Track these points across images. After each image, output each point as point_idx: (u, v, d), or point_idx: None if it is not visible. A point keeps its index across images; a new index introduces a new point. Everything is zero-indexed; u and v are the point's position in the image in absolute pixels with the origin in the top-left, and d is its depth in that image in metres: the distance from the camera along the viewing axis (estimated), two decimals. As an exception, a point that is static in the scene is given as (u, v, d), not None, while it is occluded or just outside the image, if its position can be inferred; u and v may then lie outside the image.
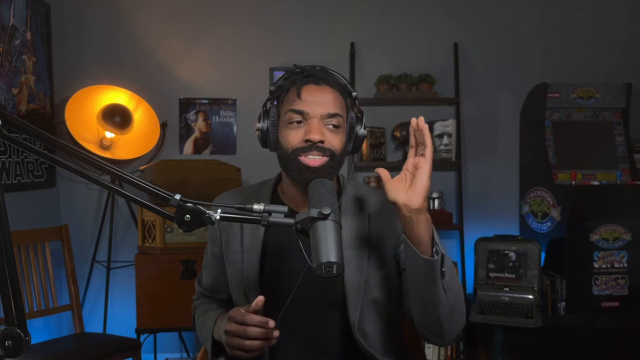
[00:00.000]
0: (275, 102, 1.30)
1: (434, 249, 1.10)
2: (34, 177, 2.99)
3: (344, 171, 1.37)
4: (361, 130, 1.29)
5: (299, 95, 1.24)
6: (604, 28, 3.56)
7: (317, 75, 1.27)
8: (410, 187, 1.08)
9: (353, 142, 1.29)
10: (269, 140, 1.28)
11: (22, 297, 0.87)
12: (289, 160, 1.24)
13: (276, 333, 1.13)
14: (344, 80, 1.30)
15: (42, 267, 2.67)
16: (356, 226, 1.29)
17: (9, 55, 2.77)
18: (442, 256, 1.11)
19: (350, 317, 1.24)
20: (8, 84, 2.75)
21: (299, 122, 1.24)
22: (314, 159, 1.22)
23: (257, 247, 1.29)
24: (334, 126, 1.24)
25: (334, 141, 1.24)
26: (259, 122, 1.28)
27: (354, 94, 1.31)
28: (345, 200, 1.32)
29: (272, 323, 1.12)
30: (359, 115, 1.31)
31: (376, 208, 1.32)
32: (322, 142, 1.22)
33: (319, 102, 1.23)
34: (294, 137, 1.23)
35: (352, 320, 1.24)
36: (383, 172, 1.13)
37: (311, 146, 1.21)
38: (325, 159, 1.22)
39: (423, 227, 1.09)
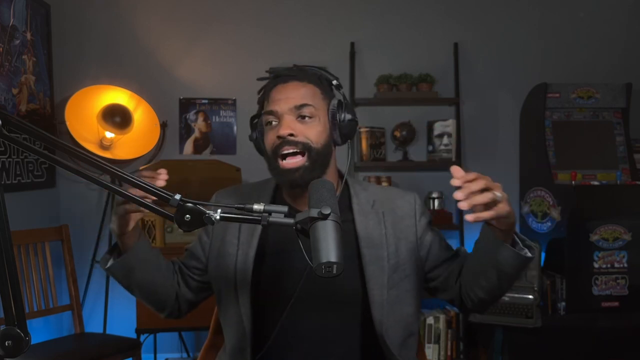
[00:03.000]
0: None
1: (522, 243, 1.16)
2: (34, 177, 2.99)
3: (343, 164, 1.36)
4: (344, 116, 1.27)
5: (268, 98, 1.28)
6: (604, 28, 3.55)
7: (285, 74, 1.29)
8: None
9: (339, 129, 1.28)
10: (261, 148, 1.31)
11: (22, 297, 0.87)
12: (271, 163, 1.27)
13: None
14: (319, 70, 1.32)
15: (42, 267, 2.67)
16: (372, 225, 1.30)
17: (9, 55, 2.77)
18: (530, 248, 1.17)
19: (374, 317, 1.24)
20: (8, 84, 2.75)
21: (272, 123, 1.26)
22: (290, 162, 1.23)
23: (252, 244, 1.28)
24: (304, 117, 1.25)
25: (308, 132, 1.24)
26: (251, 133, 1.33)
27: (334, 82, 1.31)
28: (356, 199, 1.33)
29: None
30: (342, 101, 1.29)
31: (388, 206, 1.33)
32: (292, 134, 1.23)
33: (285, 97, 1.25)
34: (270, 138, 1.26)
35: (377, 320, 1.24)
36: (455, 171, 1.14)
37: (282, 142, 1.23)
38: (300, 159, 1.23)
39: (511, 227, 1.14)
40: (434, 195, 3.37)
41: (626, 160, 3.19)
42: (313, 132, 1.25)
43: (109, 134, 3.02)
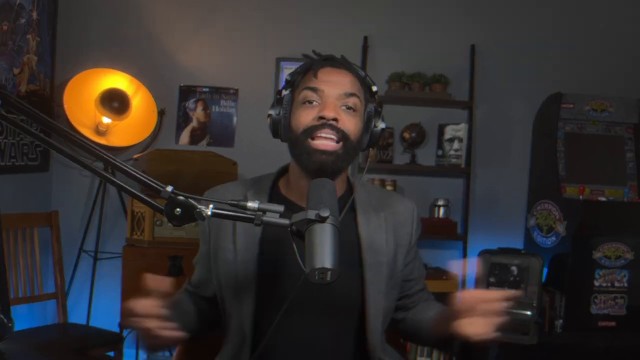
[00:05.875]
0: (290, 90, 1.25)
1: None
2: (28, 160, 2.93)
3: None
4: (379, 124, 1.24)
5: (315, 75, 1.21)
6: (623, 40, 3.44)
7: (336, 60, 1.24)
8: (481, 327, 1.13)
9: (370, 135, 1.25)
10: (280, 128, 1.23)
11: (8, 282, 0.83)
12: (299, 143, 1.19)
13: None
14: (363, 72, 1.27)
15: (29, 254, 2.62)
16: (374, 228, 1.26)
17: (13, 34, 2.71)
18: None
19: (371, 323, 1.22)
20: (10, 64, 2.70)
21: (312, 102, 1.19)
22: (325, 143, 1.16)
23: (253, 248, 1.22)
24: (349, 108, 1.19)
25: (349, 123, 1.19)
26: (271, 110, 1.24)
27: (374, 88, 1.27)
28: (359, 199, 1.28)
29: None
30: (378, 109, 1.26)
31: (389, 210, 1.30)
32: (336, 120, 1.16)
33: (335, 81, 1.20)
34: (306, 117, 1.18)
35: (372, 327, 1.22)
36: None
37: (324, 124, 1.16)
38: (337, 145, 1.17)
39: None
40: (440, 202, 3.25)
41: (634, 178, 3.14)
42: (353, 124, 1.20)
43: (106, 120, 2.96)
